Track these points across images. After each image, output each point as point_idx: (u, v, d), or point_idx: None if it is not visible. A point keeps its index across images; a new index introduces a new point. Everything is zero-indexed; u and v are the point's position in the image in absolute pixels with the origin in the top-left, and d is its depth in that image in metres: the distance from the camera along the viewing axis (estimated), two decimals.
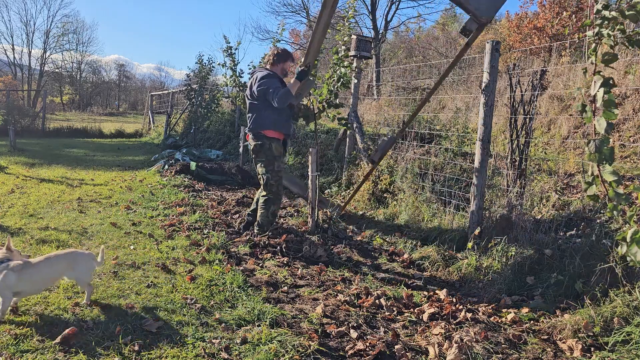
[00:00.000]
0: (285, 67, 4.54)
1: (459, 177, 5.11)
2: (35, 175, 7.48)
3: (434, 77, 11.16)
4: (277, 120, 4.31)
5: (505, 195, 4.20)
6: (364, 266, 3.96)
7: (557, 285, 3.19)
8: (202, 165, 8.17)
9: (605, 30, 2.02)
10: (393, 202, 5.41)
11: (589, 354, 2.50)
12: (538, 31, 14.40)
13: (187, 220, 4.89)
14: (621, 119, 5.73)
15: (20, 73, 40.20)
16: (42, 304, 2.71)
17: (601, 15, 2.01)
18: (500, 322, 2.94)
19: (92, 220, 4.73)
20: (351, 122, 6.69)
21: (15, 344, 2.26)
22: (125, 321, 2.55)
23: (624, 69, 6.38)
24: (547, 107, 6.91)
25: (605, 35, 2.02)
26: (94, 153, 11.83)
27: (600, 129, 2.00)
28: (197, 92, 13.94)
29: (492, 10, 2.56)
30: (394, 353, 2.47)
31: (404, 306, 3.15)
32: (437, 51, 19.27)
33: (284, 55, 4.49)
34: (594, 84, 2.03)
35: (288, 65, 4.57)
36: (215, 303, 2.90)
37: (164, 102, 20.17)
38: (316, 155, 4.54)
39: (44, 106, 18.19)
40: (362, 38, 6.36)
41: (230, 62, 8.53)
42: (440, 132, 6.66)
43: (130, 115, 37.16)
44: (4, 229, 4.21)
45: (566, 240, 3.58)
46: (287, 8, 26.45)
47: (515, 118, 4.33)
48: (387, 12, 22.94)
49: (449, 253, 4.04)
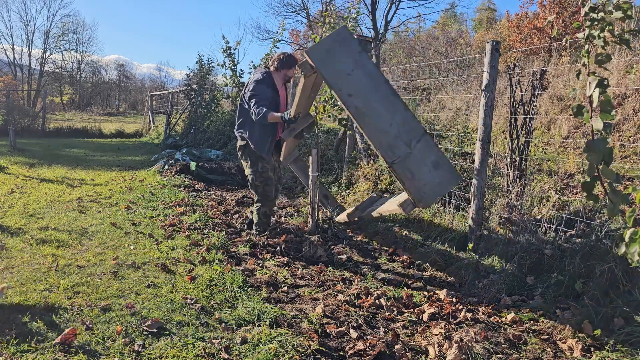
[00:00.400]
0: (289, 73, 4.47)
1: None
2: (35, 175, 7.48)
3: (434, 77, 11.16)
4: (263, 130, 4.27)
5: (506, 195, 4.20)
6: (364, 266, 3.96)
7: (557, 285, 3.19)
8: (202, 165, 8.18)
9: (596, 32, 2.03)
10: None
11: (589, 354, 2.50)
12: (538, 31, 14.41)
13: (187, 220, 4.89)
14: (621, 119, 5.73)
15: (20, 73, 40.22)
16: (42, 303, 2.71)
17: (589, 17, 2.02)
18: (500, 322, 2.94)
19: (92, 220, 4.73)
20: (351, 122, 6.69)
21: (15, 344, 2.26)
22: (125, 321, 2.55)
23: (624, 69, 6.37)
24: (547, 107, 6.91)
25: (596, 37, 2.03)
26: (94, 153, 11.83)
27: (598, 130, 2.00)
28: (197, 92, 13.94)
29: (432, 200, 2.51)
30: (394, 353, 2.47)
31: (404, 306, 3.16)
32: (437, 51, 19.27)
33: (288, 62, 4.40)
34: (589, 85, 2.04)
35: (292, 72, 4.49)
36: (215, 303, 2.90)
37: (164, 102, 20.17)
38: (316, 155, 4.54)
39: (44, 106, 18.19)
40: (362, 38, 6.36)
41: (230, 62, 8.54)
42: (440, 132, 6.66)
43: (130, 115, 37.17)
44: (4, 229, 4.21)
45: (566, 240, 3.58)
46: (287, 8, 26.52)
47: (515, 118, 4.33)
48: (387, 12, 23.03)
49: (448, 253, 4.04)
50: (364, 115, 2.46)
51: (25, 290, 2.89)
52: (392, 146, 2.43)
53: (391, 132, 2.44)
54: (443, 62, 12.42)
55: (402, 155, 2.42)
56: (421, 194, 2.39)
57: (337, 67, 2.47)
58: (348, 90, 2.46)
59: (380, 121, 2.45)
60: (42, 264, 3.33)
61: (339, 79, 2.47)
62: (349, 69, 2.45)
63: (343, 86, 2.47)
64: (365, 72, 2.45)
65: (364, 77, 2.45)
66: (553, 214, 3.79)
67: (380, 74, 2.49)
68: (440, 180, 2.40)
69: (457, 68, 11.58)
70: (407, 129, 2.43)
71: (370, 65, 2.48)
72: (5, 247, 3.69)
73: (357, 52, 2.46)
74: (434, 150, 2.40)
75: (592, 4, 2.03)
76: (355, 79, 2.44)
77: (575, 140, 5.87)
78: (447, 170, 2.41)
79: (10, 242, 3.82)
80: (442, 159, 2.42)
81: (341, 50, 2.45)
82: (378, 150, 2.52)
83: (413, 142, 2.42)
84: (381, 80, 2.47)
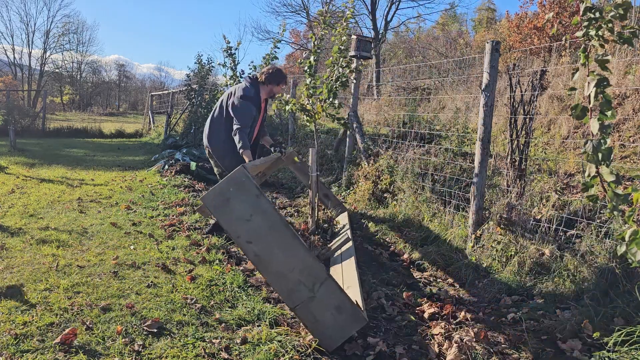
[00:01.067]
0: (275, 90, 4.32)
1: (459, 177, 5.11)
2: (35, 175, 7.48)
3: (434, 77, 11.16)
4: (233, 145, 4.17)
5: (505, 195, 4.20)
6: (364, 266, 3.96)
7: (557, 285, 3.20)
8: (202, 165, 8.17)
9: (593, 31, 2.02)
10: (393, 202, 5.41)
11: (589, 354, 2.51)
12: (538, 31, 14.41)
13: (187, 220, 4.89)
14: (621, 119, 5.73)
15: (20, 73, 40.21)
16: (42, 303, 2.71)
17: (587, 16, 2.02)
18: (500, 322, 2.94)
19: (92, 220, 4.73)
20: (351, 122, 6.69)
21: (15, 344, 2.27)
22: (125, 321, 2.55)
23: (624, 69, 6.37)
24: (547, 107, 6.91)
25: (594, 36, 2.03)
26: (94, 153, 11.83)
27: (594, 130, 2.00)
28: (197, 92, 13.94)
29: (336, 344, 2.46)
30: (394, 353, 2.48)
31: (403, 306, 3.16)
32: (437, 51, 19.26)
33: (276, 78, 4.27)
34: (588, 84, 2.03)
35: (278, 89, 4.35)
36: (215, 303, 2.90)
37: (164, 102, 20.17)
38: (316, 155, 4.54)
39: (44, 106, 18.18)
40: (362, 38, 6.36)
41: (231, 62, 8.52)
42: (440, 132, 6.66)
43: (130, 116, 37.17)
44: (4, 229, 4.21)
45: (566, 240, 3.58)
46: (287, 8, 26.48)
47: (515, 118, 4.33)
48: (387, 12, 23.00)
49: (448, 253, 4.05)
50: (264, 262, 2.43)
51: (25, 290, 2.90)
52: (293, 290, 2.42)
53: (292, 277, 2.41)
54: (443, 62, 12.42)
55: (305, 300, 2.40)
56: (325, 337, 2.40)
57: (234, 214, 2.40)
58: (247, 237, 2.41)
59: (281, 266, 2.41)
60: (42, 264, 3.33)
61: (237, 225, 2.40)
62: (247, 215, 2.39)
63: (241, 233, 2.41)
64: (265, 217, 2.39)
65: (263, 222, 2.40)
66: (553, 214, 3.79)
67: (280, 218, 2.43)
68: (344, 324, 2.40)
69: (457, 68, 11.58)
70: (309, 273, 2.41)
71: (270, 209, 2.40)
72: (5, 247, 3.69)
73: (254, 196, 2.38)
74: (337, 294, 2.40)
75: (590, 4, 2.03)
76: (254, 224, 2.39)
77: (575, 140, 5.87)
78: (350, 314, 2.39)
79: (10, 242, 3.82)
80: (345, 303, 2.40)
81: (237, 195, 2.38)
82: (280, 295, 2.50)
83: (316, 286, 2.40)
84: (282, 224, 2.42)
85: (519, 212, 3.92)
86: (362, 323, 2.42)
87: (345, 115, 6.61)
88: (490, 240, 3.80)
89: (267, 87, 4.28)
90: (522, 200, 4.09)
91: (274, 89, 4.31)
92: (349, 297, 2.43)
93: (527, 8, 18.17)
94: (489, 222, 3.93)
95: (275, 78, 4.25)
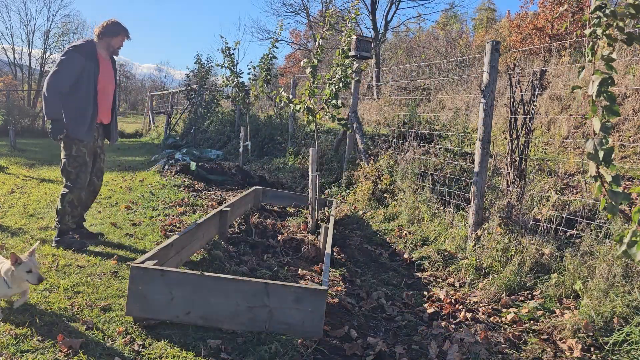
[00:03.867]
0: (113, 43, 3.93)
1: (459, 177, 5.11)
2: (35, 175, 7.48)
3: (434, 77, 11.17)
4: (79, 109, 3.76)
5: (505, 195, 4.20)
6: (364, 266, 3.97)
7: (557, 285, 3.20)
8: (202, 165, 8.18)
9: (600, 30, 2.02)
10: (393, 202, 5.41)
11: (589, 354, 2.51)
12: (538, 31, 14.42)
13: (187, 220, 4.89)
14: (621, 119, 5.74)
15: (20, 73, 40.16)
16: (42, 304, 2.71)
17: (596, 14, 2.01)
18: (500, 322, 2.94)
19: (92, 220, 4.73)
20: (351, 123, 6.70)
21: (15, 344, 2.26)
22: (125, 321, 2.55)
23: (624, 69, 6.38)
24: (547, 107, 6.92)
25: (602, 35, 2.02)
26: None
27: (596, 129, 2.00)
28: (197, 92, 13.95)
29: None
30: (394, 353, 2.47)
31: (403, 306, 3.16)
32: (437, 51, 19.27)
33: (112, 30, 3.88)
34: (592, 83, 2.03)
35: (117, 41, 3.95)
36: None
37: (164, 102, 20.18)
38: (316, 155, 4.54)
39: None
40: (362, 38, 6.37)
41: (229, 63, 8.51)
42: (440, 132, 6.66)
43: (130, 115, 37.18)
44: (4, 229, 4.21)
45: (566, 240, 3.58)
46: (287, 8, 26.47)
47: (515, 118, 4.33)
48: (387, 12, 22.95)
49: (448, 253, 4.05)
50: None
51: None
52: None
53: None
54: (443, 62, 12.42)
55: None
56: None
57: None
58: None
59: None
60: (42, 264, 3.33)
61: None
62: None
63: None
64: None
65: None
66: (553, 214, 3.79)
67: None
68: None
69: (457, 68, 11.58)
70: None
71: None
72: (5, 247, 3.69)
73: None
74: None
75: (600, 3, 2.02)
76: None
77: (575, 140, 5.87)
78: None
79: (10, 242, 3.82)
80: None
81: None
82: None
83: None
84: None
85: (519, 212, 3.92)
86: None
87: (345, 116, 6.61)
88: (490, 240, 3.80)
89: (103, 42, 3.91)
90: (522, 200, 4.09)
91: (112, 42, 3.94)
92: None
93: (527, 8, 18.20)
94: (489, 222, 3.93)
95: (111, 29, 3.90)
